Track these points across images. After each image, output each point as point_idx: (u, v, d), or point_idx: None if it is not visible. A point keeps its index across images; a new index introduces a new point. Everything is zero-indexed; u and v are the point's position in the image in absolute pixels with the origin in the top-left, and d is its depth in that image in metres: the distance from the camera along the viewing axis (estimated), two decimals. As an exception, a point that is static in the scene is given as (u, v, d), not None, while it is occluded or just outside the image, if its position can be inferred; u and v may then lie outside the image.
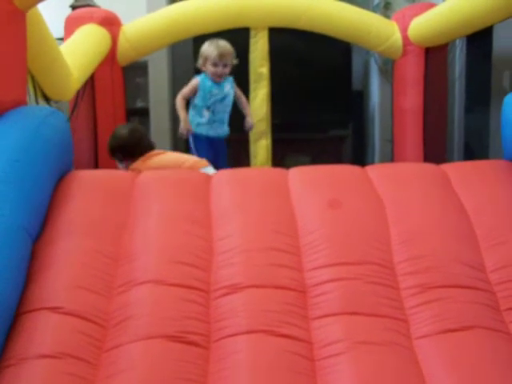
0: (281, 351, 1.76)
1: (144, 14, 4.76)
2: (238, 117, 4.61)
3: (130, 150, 3.46)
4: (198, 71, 4.12)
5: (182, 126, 3.94)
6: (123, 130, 3.60)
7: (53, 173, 2.31)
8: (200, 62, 3.98)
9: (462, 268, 2.01)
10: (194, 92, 3.96)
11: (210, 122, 3.99)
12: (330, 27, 4.52)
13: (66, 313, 1.83)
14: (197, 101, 3.97)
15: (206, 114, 3.97)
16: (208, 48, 3.93)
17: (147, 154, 3.46)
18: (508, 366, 1.73)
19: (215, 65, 3.90)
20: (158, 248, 2.08)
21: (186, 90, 3.97)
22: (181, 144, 5.49)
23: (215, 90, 3.98)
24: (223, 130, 4.09)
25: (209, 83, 3.95)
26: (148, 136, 3.71)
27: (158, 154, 3.51)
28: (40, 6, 2.64)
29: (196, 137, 3.99)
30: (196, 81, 3.97)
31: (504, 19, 3.40)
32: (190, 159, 3.48)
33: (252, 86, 4.62)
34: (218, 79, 3.94)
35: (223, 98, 4.01)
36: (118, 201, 2.29)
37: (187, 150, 5.50)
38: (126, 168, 3.43)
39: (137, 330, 1.80)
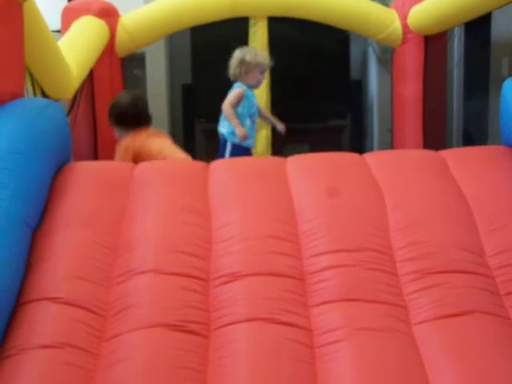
0: (280, 339, 1.76)
1: (141, 4, 4.75)
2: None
3: (127, 118, 3.41)
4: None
5: (240, 134, 3.82)
6: (125, 96, 3.54)
7: (51, 164, 2.30)
8: (242, 69, 3.87)
9: (461, 253, 2.01)
10: (240, 101, 3.88)
11: (250, 131, 3.92)
12: (329, 16, 4.51)
13: (65, 303, 1.84)
14: (240, 109, 3.87)
15: (248, 123, 3.91)
16: (257, 56, 3.87)
17: (142, 130, 3.41)
18: (508, 351, 1.74)
19: (262, 73, 3.89)
20: (157, 238, 2.08)
21: (233, 99, 3.84)
22: (179, 136, 5.50)
23: (255, 99, 3.94)
24: (254, 141, 4.04)
25: (250, 92, 3.91)
26: (147, 109, 3.59)
27: (158, 134, 3.45)
28: (37, -2, 2.63)
29: (235, 146, 3.89)
30: (242, 89, 3.87)
31: (502, 5, 3.39)
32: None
33: (251, 76, 4.61)
34: (257, 87, 3.91)
35: (257, 108, 3.98)
36: (117, 192, 2.29)
37: (185, 143, 5.51)
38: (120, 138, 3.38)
39: (137, 319, 1.81)
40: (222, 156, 3.91)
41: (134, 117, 3.45)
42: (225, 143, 3.92)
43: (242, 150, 3.84)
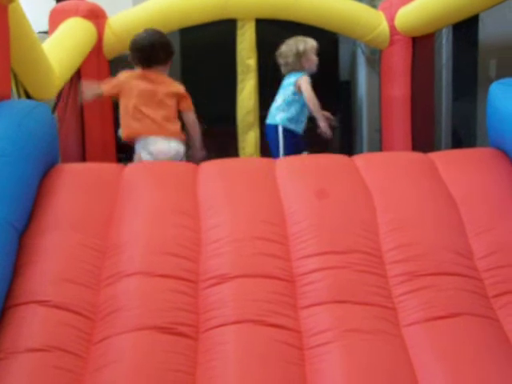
0: (270, 341, 1.76)
1: (129, 6, 4.73)
2: (225, 109, 4.61)
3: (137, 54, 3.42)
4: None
5: (325, 125, 3.81)
6: (147, 32, 3.48)
7: (38, 166, 2.29)
8: (302, 60, 3.85)
9: (450, 255, 2.02)
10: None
11: (305, 117, 3.92)
12: (317, 18, 4.51)
13: (53, 306, 1.83)
14: (304, 99, 3.85)
15: (307, 111, 3.91)
16: (306, 42, 3.87)
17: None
18: (496, 352, 1.74)
19: (316, 54, 3.89)
20: (146, 239, 2.08)
21: (311, 90, 3.80)
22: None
23: None
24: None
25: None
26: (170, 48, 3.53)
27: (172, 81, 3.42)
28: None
29: (290, 132, 3.86)
30: (308, 78, 3.85)
31: (489, 8, 3.41)
32: None
33: (239, 77, 4.61)
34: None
35: None
36: (105, 193, 2.28)
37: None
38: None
39: (125, 322, 1.80)
40: (277, 145, 3.85)
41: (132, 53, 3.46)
42: (274, 132, 3.86)
43: (296, 137, 3.82)
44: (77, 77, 4.24)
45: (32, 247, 2.03)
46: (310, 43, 3.92)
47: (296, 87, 3.84)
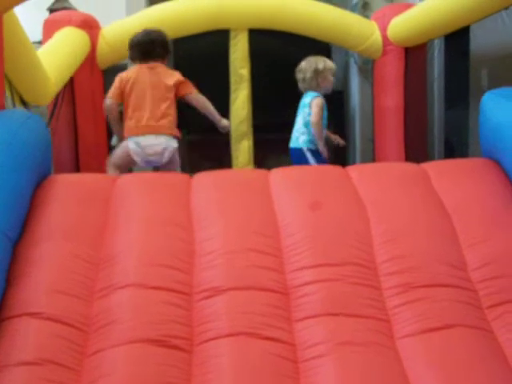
0: (264, 354, 1.76)
1: (123, 16, 4.73)
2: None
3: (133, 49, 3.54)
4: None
5: (324, 150, 3.81)
6: (145, 30, 3.62)
7: (32, 176, 2.29)
8: (319, 79, 3.86)
9: (444, 267, 2.02)
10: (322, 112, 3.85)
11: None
12: (309, 28, 4.53)
13: (46, 318, 1.82)
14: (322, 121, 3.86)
15: (325, 131, 3.92)
16: (326, 62, 3.89)
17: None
18: (490, 364, 1.74)
19: (333, 75, 3.90)
20: (139, 251, 2.07)
21: (320, 114, 3.79)
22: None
23: None
24: None
25: (324, 100, 3.90)
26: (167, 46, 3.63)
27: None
28: (17, 9, 2.61)
29: (316, 153, 3.85)
30: (322, 100, 3.84)
31: (479, 19, 3.44)
32: None
33: (233, 87, 4.62)
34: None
35: None
36: (98, 204, 2.28)
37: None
38: None
39: (119, 335, 1.79)
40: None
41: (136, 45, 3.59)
42: (300, 156, 3.86)
43: (319, 154, 3.84)
44: (70, 86, 4.24)
45: (25, 258, 2.02)
46: (330, 64, 3.95)
47: (311, 109, 3.85)
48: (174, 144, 3.48)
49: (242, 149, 4.65)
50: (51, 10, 4.73)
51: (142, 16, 4.51)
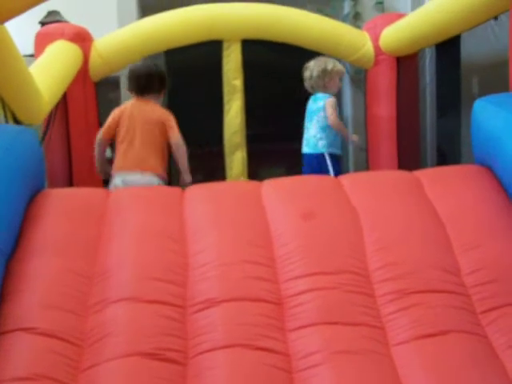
0: (259, 364, 1.76)
1: (115, 28, 4.74)
2: (211, 130, 4.62)
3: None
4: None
5: (357, 139, 3.80)
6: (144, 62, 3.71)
7: (25, 190, 2.28)
8: (325, 79, 3.86)
9: (438, 273, 2.02)
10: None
11: (337, 138, 3.91)
12: (302, 38, 4.55)
13: (40, 333, 1.81)
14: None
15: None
16: (335, 64, 3.88)
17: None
18: (485, 369, 1.74)
19: (341, 79, 3.90)
20: (133, 264, 2.07)
21: (335, 112, 3.79)
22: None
23: None
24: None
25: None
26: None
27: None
28: (8, 23, 2.61)
29: (334, 157, 3.86)
30: (334, 99, 3.85)
31: (470, 29, 3.46)
32: None
33: (226, 98, 4.63)
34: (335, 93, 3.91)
35: None
36: (92, 218, 2.27)
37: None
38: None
39: (113, 349, 1.79)
40: (326, 172, 3.84)
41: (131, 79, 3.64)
42: (320, 161, 3.85)
43: (337, 158, 3.84)
44: (63, 100, 4.24)
45: (19, 273, 2.01)
46: (339, 67, 3.94)
47: (326, 111, 3.84)
48: (155, 183, 3.47)
49: (236, 160, 4.65)
50: (43, 23, 4.74)
51: (134, 27, 4.52)
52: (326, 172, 3.84)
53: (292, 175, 2.67)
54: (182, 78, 5.31)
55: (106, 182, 4.45)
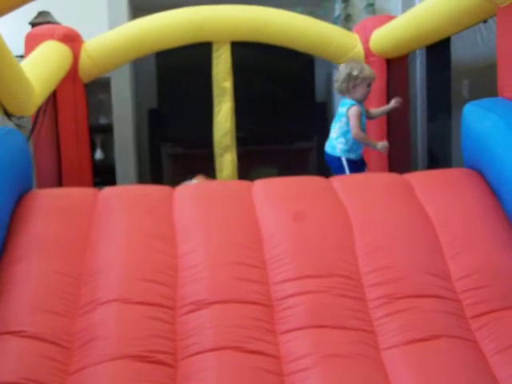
0: (249, 367, 1.75)
1: (105, 30, 4.72)
2: (201, 132, 4.61)
3: None
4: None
5: (381, 145, 3.77)
6: None
7: (12, 191, 2.26)
8: (350, 84, 3.82)
9: (428, 277, 2.02)
10: (360, 119, 3.77)
11: (359, 145, 3.89)
12: (292, 40, 4.54)
13: (29, 336, 1.80)
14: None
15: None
16: (364, 70, 3.83)
17: None
18: (475, 374, 1.74)
19: (369, 86, 3.86)
20: (122, 265, 2.05)
21: (357, 123, 3.72)
22: (145, 160, 5.46)
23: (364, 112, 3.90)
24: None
25: (362, 107, 3.86)
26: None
27: None
28: (-2, 23, 2.59)
29: (349, 161, 3.85)
30: (358, 108, 3.76)
31: (459, 31, 3.47)
32: None
33: (216, 100, 4.61)
34: (364, 100, 3.87)
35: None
36: (80, 219, 2.26)
37: (152, 168, 5.47)
38: None
39: (102, 352, 1.77)
40: (341, 172, 3.78)
41: None
42: (337, 163, 3.85)
43: (354, 163, 3.83)
44: (52, 100, 4.22)
45: (6, 275, 2.00)
46: (366, 72, 3.89)
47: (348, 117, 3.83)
48: None
49: (226, 162, 4.64)
50: (33, 24, 4.71)
51: (124, 29, 4.50)
52: (341, 172, 3.83)
53: (283, 176, 2.66)
54: (172, 79, 5.30)
55: (96, 184, 4.44)
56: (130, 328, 1.84)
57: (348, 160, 3.82)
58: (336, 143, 3.85)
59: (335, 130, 3.87)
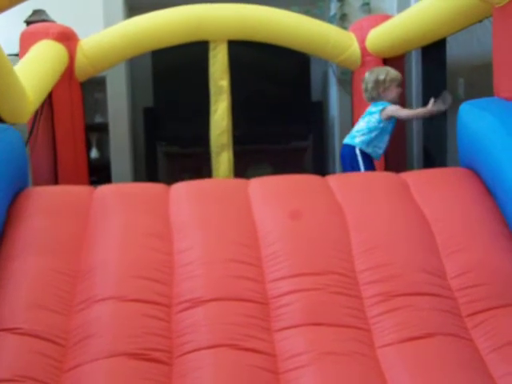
0: (244, 365, 1.74)
1: (101, 28, 4.72)
2: (198, 131, 4.61)
3: None
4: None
5: (432, 109, 3.75)
6: None
7: (7, 189, 2.26)
8: (379, 89, 3.83)
9: (424, 276, 2.02)
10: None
11: (385, 145, 3.91)
12: (288, 39, 4.55)
13: (24, 333, 1.80)
14: (389, 126, 3.82)
15: (387, 138, 3.88)
16: (389, 72, 3.85)
17: None
18: (471, 373, 1.74)
19: (399, 86, 3.88)
20: (118, 263, 2.05)
21: (397, 107, 3.80)
22: (141, 158, 5.46)
23: None
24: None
25: None
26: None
27: None
28: (-7, 22, 2.59)
29: (366, 155, 3.84)
30: (393, 107, 3.80)
31: (455, 32, 3.49)
32: None
33: (212, 99, 4.61)
34: (397, 101, 3.89)
35: None
36: (76, 216, 2.26)
37: (147, 166, 5.46)
38: None
39: (97, 349, 1.77)
40: (352, 165, 3.83)
41: None
42: (350, 153, 3.85)
43: (368, 158, 3.83)
44: (48, 100, 4.21)
45: (1, 272, 1.99)
46: (392, 75, 3.91)
47: (382, 115, 3.83)
48: None
49: (222, 160, 4.64)
50: (28, 23, 4.70)
51: (120, 28, 4.50)
52: (357, 166, 3.84)
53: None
54: (168, 78, 5.30)
55: (92, 182, 4.44)
56: (125, 325, 1.84)
57: (363, 152, 3.82)
58: (357, 134, 3.85)
59: (361, 123, 3.87)
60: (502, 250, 2.08)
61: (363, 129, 3.86)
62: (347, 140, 3.93)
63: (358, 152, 3.84)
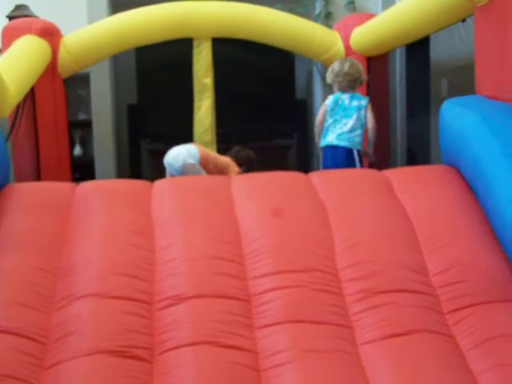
0: (226, 362, 1.74)
1: (85, 24, 4.68)
2: (181, 128, 4.60)
3: None
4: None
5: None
6: None
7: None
8: (362, 77, 3.84)
9: (406, 273, 2.03)
10: None
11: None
12: (272, 37, 4.55)
13: (4, 331, 1.78)
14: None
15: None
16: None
17: None
18: (452, 368, 1.75)
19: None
20: (99, 260, 2.04)
21: None
22: (125, 156, 5.43)
23: None
24: None
25: None
26: None
27: None
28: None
29: (360, 154, 3.82)
30: None
31: (438, 30, 3.50)
32: None
33: (196, 96, 4.61)
34: None
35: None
36: (57, 213, 2.24)
37: (131, 164, 5.44)
38: None
39: (78, 346, 1.76)
40: (348, 167, 3.74)
41: None
42: (347, 156, 3.79)
43: (360, 156, 3.81)
44: (31, 96, 4.18)
45: (-19, 270, 1.97)
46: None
47: (367, 110, 3.81)
48: None
49: (206, 158, 4.62)
50: (10, 18, 4.65)
51: (104, 24, 4.47)
52: (354, 167, 3.80)
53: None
54: (152, 75, 5.27)
55: (75, 180, 4.41)
56: (106, 323, 1.83)
57: (359, 153, 3.81)
58: (354, 135, 3.78)
59: (351, 122, 3.78)
60: (484, 247, 2.09)
61: (356, 128, 3.78)
62: (340, 142, 3.80)
63: (356, 155, 3.78)
